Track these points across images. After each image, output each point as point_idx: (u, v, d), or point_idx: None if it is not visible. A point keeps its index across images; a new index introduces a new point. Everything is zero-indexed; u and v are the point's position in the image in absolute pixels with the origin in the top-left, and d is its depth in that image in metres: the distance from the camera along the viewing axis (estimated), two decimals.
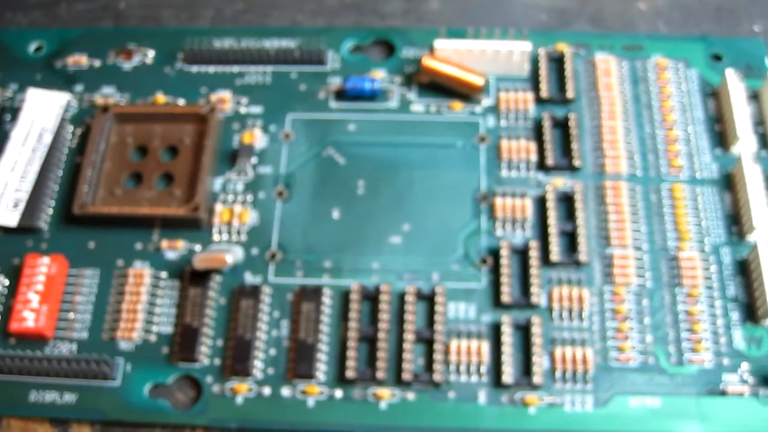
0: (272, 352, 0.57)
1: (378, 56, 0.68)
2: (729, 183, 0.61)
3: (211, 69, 0.67)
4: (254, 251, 0.60)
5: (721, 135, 0.63)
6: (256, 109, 0.65)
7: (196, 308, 0.58)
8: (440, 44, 0.64)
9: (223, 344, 0.57)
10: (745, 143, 0.62)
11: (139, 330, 0.58)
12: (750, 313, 0.57)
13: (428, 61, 0.64)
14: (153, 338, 0.58)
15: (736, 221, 0.60)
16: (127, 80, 0.67)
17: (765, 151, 0.62)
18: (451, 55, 0.64)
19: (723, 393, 0.54)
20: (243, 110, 0.65)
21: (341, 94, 0.65)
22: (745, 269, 0.58)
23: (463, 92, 0.64)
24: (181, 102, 0.66)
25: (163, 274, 0.60)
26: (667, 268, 0.58)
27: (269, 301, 0.58)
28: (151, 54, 0.68)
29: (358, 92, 0.64)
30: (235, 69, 0.67)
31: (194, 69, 0.67)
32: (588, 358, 0.55)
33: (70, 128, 0.66)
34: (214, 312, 0.58)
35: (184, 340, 0.57)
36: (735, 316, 0.57)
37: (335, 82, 0.66)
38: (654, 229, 0.60)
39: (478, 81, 0.63)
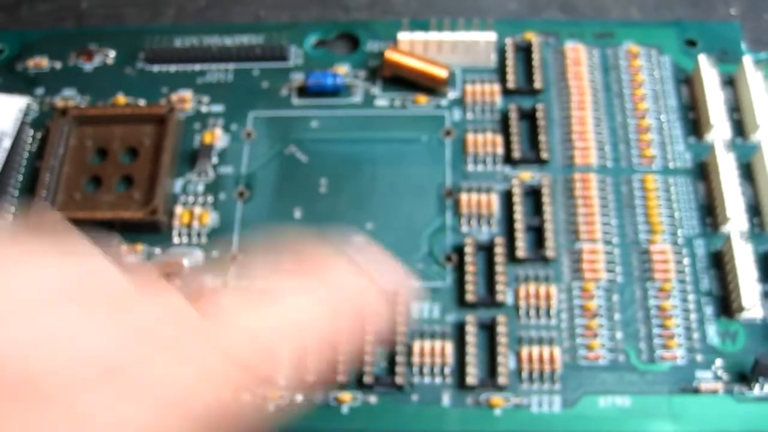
0: None
1: (343, 50, 0.66)
2: (703, 172, 0.59)
3: (173, 68, 0.66)
4: (214, 253, 0.58)
5: (694, 123, 0.61)
6: (218, 108, 0.64)
7: None
8: (403, 36, 0.63)
9: None
10: (719, 131, 0.59)
11: None
12: (724, 307, 0.55)
13: (391, 54, 0.62)
14: None
15: (710, 212, 0.58)
16: (88, 82, 0.66)
17: (740, 138, 0.60)
18: (415, 48, 0.63)
19: (696, 390, 0.52)
20: (204, 109, 0.64)
21: (304, 91, 0.63)
22: (719, 262, 0.56)
23: (428, 85, 0.62)
24: (142, 103, 0.64)
25: None
26: (638, 262, 0.56)
27: None
28: (112, 54, 0.67)
29: (320, 88, 0.62)
30: (197, 67, 0.66)
31: (155, 68, 0.66)
32: (555, 357, 0.53)
33: (30, 132, 0.64)
34: None
35: None
36: (709, 310, 0.55)
37: (298, 78, 0.64)
38: (625, 222, 0.58)
39: (442, 73, 0.61)
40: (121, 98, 0.65)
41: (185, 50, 0.65)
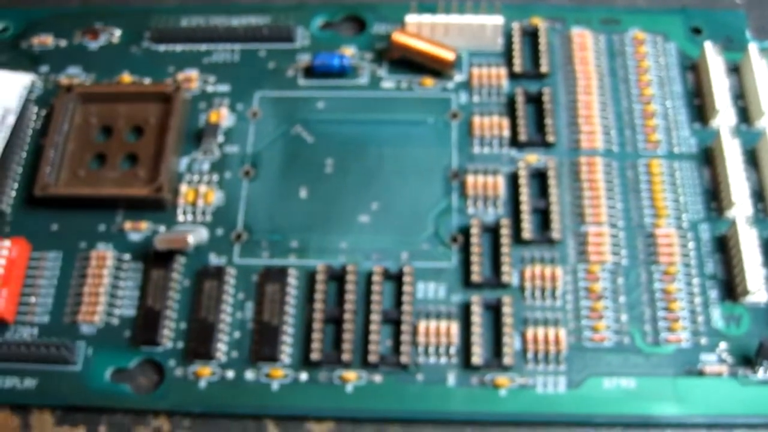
0: (236, 334, 0.55)
1: (349, 32, 0.67)
2: (708, 158, 0.59)
3: (179, 48, 0.66)
4: (219, 232, 0.58)
5: (699, 109, 0.61)
6: (224, 88, 0.64)
7: (159, 290, 0.56)
8: (411, 19, 0.63)
9: (186, 327, 0.55)
10: (724, 117, 0.60)
11: (101, 313, 0.56)
12: (729, 291, 0.55)
13: (398, 37, 0.62)
14: (115, 321, 0.56)
15: (714, 197, 0.58)
16: (93, 60, 0.66)
17: (745, 125, 0.60)
18: (423, 30, 0.63)
19: (700, 373, 0.53)
20: (210, 89, 0.64)
21: (310, 72, 0.63)
22: (723, 246, 0.56)
23: (435, 68, 0.62)
24: (148, 81, 0.64)
25: (127, 256, 0.58)
26: (644, 245, 0.57)
27: (234, 282, 0.57)
28: (117, 33, 0.67)
29: (326, 69, 0.62)
30: (203, 47, 0.65)
31: (161, 48, 0.66)
32: (561, 339, 0.53)
33: (34, 109, 0.64)
34: (178, 294, 0.57)
35: (146, 323, 0.56)
36: (713, 294, 0.55)
37: (304, 59, 0.64)
38: (630, 206, 0.58)
39: (449, 56, 0.61)
40: (127, 77, 0.64)
41: (191, 30, 0.65)
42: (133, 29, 0.67)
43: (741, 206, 0.56)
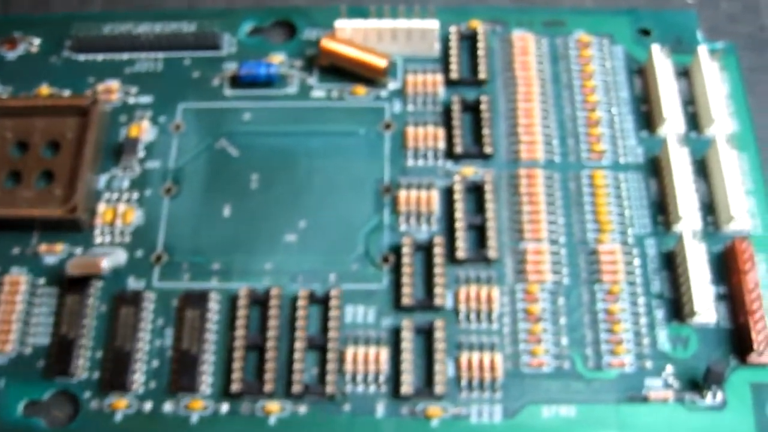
0: (155, 363, 0.52)
1: (279, 38, 0.63)
2: (655, 168, 0.56)
3: (100, 57, 0.62)
4: (138, 253, 0.55)
5: (647, 116, 0.58)
6: (146, 99, 0.60)
7: (73, 317, 0.53)
8: (341, 24, 0.59)
9: (102, 356, 0.52)
10: (672, 125, 0.56)
11: (14, 342, 0.53)
12: (676, 311, 0.52)
13: (328, 43, 0.59)
14: (28, 351, 0.53)
15: (662, 210, 0.54)
16: (11, 71, 0.63)
17: (694, 132, 0.57)
18: (356, 36, 0.59)
19: (645, 399, 0.50)
20: (132, 101, 0.60)
21: (236, 81, 0.60)
22: (671, 262, 0.53)
23: (367, 76, 0.59)
24: (67, 93, 0.60)
25: (41, 281, 0.55)
26: (586, 263, 0.53)
27: (152, 307, 0.53)
28: (36, 42, 0.63)
29: (253, 78, 0.59)
30: (125, 56, 0.62)
31: (82, 57, 0.62)
32: (497, 364, 0.50)
33: None
34: (94, 321, 0.54)
35: (60, 353, 0.52)
36: (660, 314, 0.52)
37: (231, 68, 0.61)
38: (572, 221, 0.55)
39: (381, 63, 0.58)
40: (45, 89, 0.61)
41: (113, 38, 0.62)
42: (53, 38, 0.64)
43: (688, 221, 0.53)
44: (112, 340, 0.52)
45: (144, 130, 0.59)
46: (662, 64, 0.57)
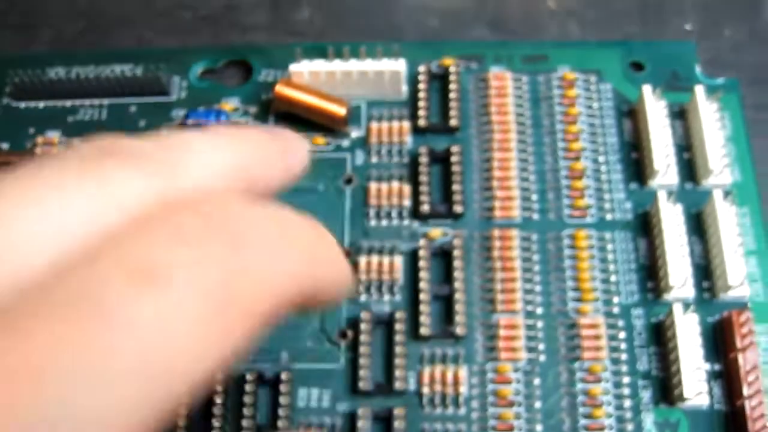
0: None
1: (234, 80, 0.57)
2: (645, 226, 0.50)
3: (41, 104, 0.57)
4: None
5: (637, 164, 0.52)
6: None
7: None
8: (296, 68, 0.53)
9: None
10: (665, 177, 0.50)
11: None
12: (664, 392, 0.46)
13: (282, 89, 0.53)
14: None
15: (651, 275, 0.49)
16: None
17: (690, 183, 0.51)
18: (317, 79, 0.53)
19: None
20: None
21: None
22: (660, 335, 0.47)
23: (326, 124, 0.53)
24: (5, 146, 0.56)
25: None
26: (565, 338, 0.48)
27: None
28: None
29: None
30: (68, 103, 0.57)
31: (22, 105, 0.57)
32: None
33: None
34: None
35: None
36: (646, 395, 0.46)
37: (180, 114, 0.55)
38: (551, 289, 0.49)
39: (340, 111, 0.52)
40: None
41: (56, 83, 0.57)
42: None
43: (680, 289, 0.47)
44: None
45: None
46: (654, 108, 0.51)
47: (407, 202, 0.52)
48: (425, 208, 0.51)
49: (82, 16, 0.60)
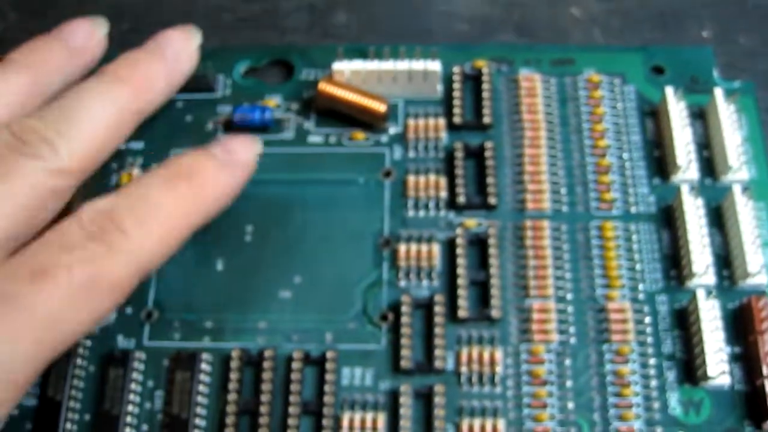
0: (144, 428, 0.50)
1: (276, 79, 0.60)
2: (668, 218, 0.53)
3: None
4: (128, 310, 0.53)
5: (660, 161, 0.55)
6: (137, 145, 0.58)
7: (60, 379, 0.51)
8: (338, 66, 0.56)
9: (90, 420, 0.50)
10: (687, 172, 0.53)
11: None
12: (688, 373, 0.49)
13: (324, 86, 0.56)
14: (15, 413, 0.51)
15: (675, 263, 0.52)
16: None
17: (710, 179, 0.54)
18: (355, 78, 0.56)
19: None
20: (122, 146, 0.58)
21: (231, 125, 0.57)
22: (684, 320, 0.50)
23: (366, 120, 0.56)
24: None
25: None
26: (594, 321, 0.51)
27: (142, 368, 0.51)
28: None
29: (247, 123, 0.57)
30: None
31: None
32: (499, 430, 0.48)
33: None
34: (83, 382, 0.51)
35: (46, 416, 0.50)
36: (671, 376, 0.49)
37: (225, 111, 0.58)
38: (580, 276, 0.52)
39: (380, 107, 0.55)
40: None
41: None
42: None
43: (702, 277, 0.50)
44: (100, 404, 0.50)
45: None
46: (676, 108, 0.54)
47: (444, 194, 0.55)
48: (461, 199, 0.54)
49: (126, 18, 0.63)
